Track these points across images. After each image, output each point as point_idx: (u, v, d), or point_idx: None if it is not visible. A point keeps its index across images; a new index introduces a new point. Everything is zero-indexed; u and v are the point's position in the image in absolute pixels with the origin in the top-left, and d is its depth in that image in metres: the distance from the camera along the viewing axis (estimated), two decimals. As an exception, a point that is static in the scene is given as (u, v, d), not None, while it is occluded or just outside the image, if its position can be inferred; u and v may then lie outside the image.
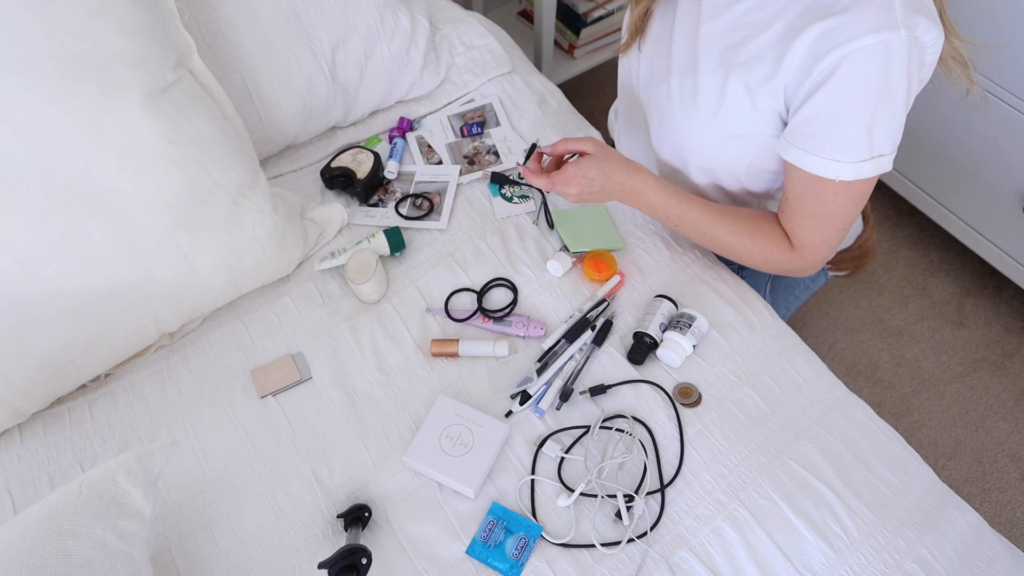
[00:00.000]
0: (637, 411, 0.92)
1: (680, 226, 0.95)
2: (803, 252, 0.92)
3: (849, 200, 0.85)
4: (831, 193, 0.84)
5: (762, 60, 0.83)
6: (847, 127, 0.79)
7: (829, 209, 0.86)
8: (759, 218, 0.94)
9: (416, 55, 1.24)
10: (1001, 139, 1.43)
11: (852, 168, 0.81)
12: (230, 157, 0.95)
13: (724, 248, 0.96)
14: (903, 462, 0.89)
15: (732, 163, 0.95)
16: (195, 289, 0.96)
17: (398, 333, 1.01)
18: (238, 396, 0.95)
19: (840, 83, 0.77)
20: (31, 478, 0.89)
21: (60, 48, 0.81)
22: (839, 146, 0.80)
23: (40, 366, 0.88)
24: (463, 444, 0.87)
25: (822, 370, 0.96)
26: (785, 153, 0.85)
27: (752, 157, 0.92)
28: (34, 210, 0.83)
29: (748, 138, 0.90)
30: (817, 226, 0.88)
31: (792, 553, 0.82)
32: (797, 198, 0.88)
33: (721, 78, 0.87)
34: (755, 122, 0.87)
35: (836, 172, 0.81)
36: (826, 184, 0.83)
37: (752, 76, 0.84)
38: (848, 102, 0.78)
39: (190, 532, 0.85)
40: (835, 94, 0.78)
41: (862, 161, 0.80)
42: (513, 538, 0.83)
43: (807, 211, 0.88)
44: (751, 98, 0.86)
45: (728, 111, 0.88)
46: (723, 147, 0.93)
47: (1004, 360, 1.62)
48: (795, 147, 0.83)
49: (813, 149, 0.81)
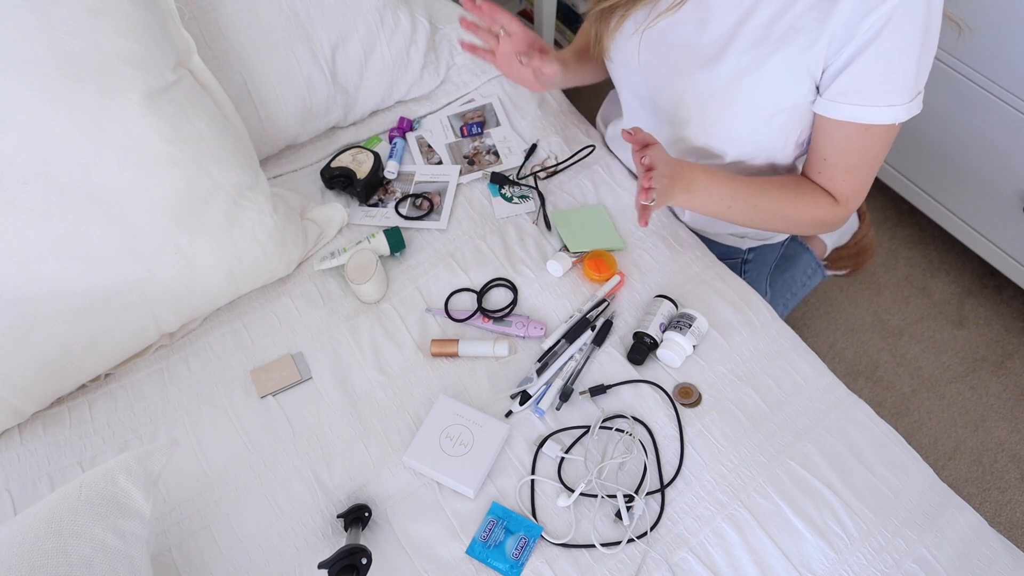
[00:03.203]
0: (637, 411, 0.92)
1: (733, 206, 0.95)
2: (848, 203, 0.95)
3: (889, 142, 0.88)
4: (876, 139, 0.86)
5: (800, 30, 0.83)
6: (899, 72, 0.81)
7: (872, 155, 0.89)
8: (796, 180, 0.97)
9: (416, 55, 1.24)
10: (1001, 139, 1.43)
11: (905, 109, 0.83)
12: (230, 157, 0.95)
13: (775, 216, 0.96)
14: (903, 462, 0.89)
15: (771, 141, 0.95)
16: (195, 289, 0.96)
17: (398, 333, 1.01)
18: (238, 396, 0.95)
19: (892, 35, 0.78)
20: (31, 478, 0.89)
21: (60, 48, 0.81)
22: (893, 92, 0.82)
23: (40, 366, 0.88)
24: (463, 444, 0.87)
25: (822, 370, 0.96)
26: (836, 113, 0.85)
27: (790, 131, 0.93)
28: (34, 210, 0.83)
29: (786, 112, 0.90)
30: (861, 175, 0.91)
31: (792, 553, 0.82)
32: (840, 154, 0.90)
33: (755, 58, 0.87)
34: (794, 94, 0.88)
35: (893, 116, 0.83)
36: (873, 132, 0.85)
37: (790, 49, 0.84)
38: (900, 50, 0.79)
39: (190, 532, 0.85)
40: (887, 45, 0.79)
41: (911, 100, 0.83)
42: (513, 538, 0.83)
43: (851, 164, 0.90)
44: (791, 71, 0.86)
45: (766, 89, 0.88)
46: (763, 126, 0.93)
47: (1004, 360, 1.62)
48: (848, 104, 0.84)
49: (869, 101, 0.83)
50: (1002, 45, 1.33)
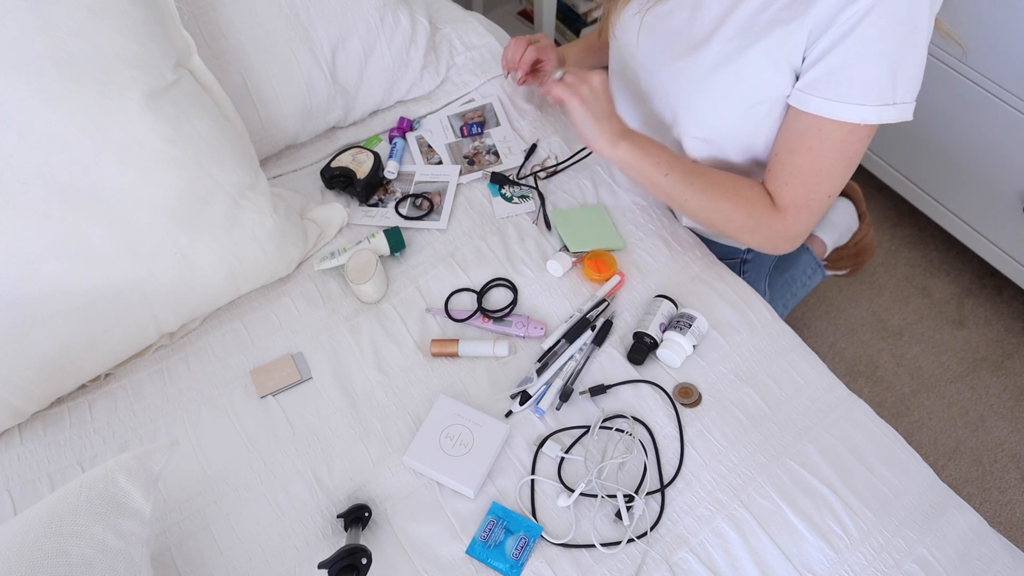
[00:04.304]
0: (637, 411, 0.92)
1: (670, 173, 0.94)
2: (786, 212, 0.91)
3: (844, 156, 0.85)
4: (828, 144, 0.85)
5: (782, 20, 0.83)
6: (873, 70, 0.80)
7: (820, 163, 0.86)
8: (742, 177, 0.95)
9: (416, 55, 1.24)
10: (1001, 139, 1.43)
11: (875, 111, 0.81)
12: (230, 157, 0.95)
13: (709, 200, 0.94)
14: (903, 462, 0.89)
15: (751, 135, 0.94)
16: (195, 289, 0.96)
17: (398, 333, 1.01)
18: (238, 396, 0.95)
19: (869, 28, 0.77)
20: (31, 478, 0.89)
21: (60, 48, 0.81)
22: (864, 90, 0.81)
23: (40, 366, 0.88)
24: (463, 444, 0.87)
25: (822, 370, 0.96)
26: (805, 105, 0.84)
27: (770, 126, 0.92)
28: (34, 210, 0.83)
29: (766, 104, 0.90)
30: (805, 184, 0.88)
31: (792, 553, 0.82)
32: (788, 151, 0.88)
33: (737, 47, 0.87)
34: (774, 86, 0.87)
35: (861, 116, 0.81)
36: (827, 134, 0.84)
37: (772, 38, 0.84)
38: (876, 45, 0.78)
39: (190, 532, 0.85)
40: (863, 39, 0.78)
41: (884, 105, 0.81)
42: (513, 538, 0.83)
43: (797, 165, 0.88)
44: (772, 61, 0.85)
45: (746, 79, 0.88)
46: (742, 118, 0.92)
47: (1004, 360, 1.62)
48: (818, 97, 0.83)
49: (838, 96, 0.82)
50: (1002, 45, 1.33)
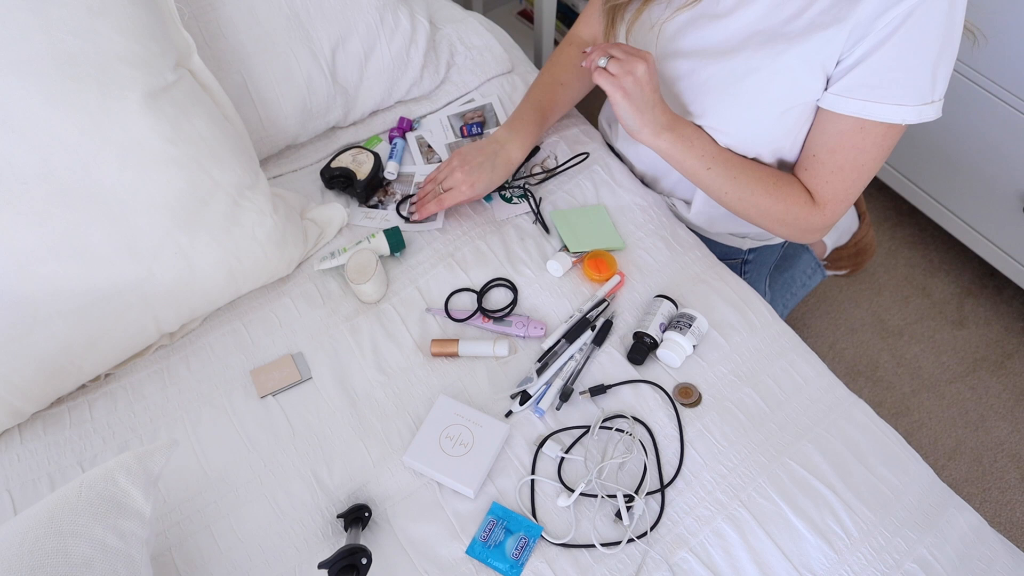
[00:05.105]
0: (637, 411, 0.92)
1: (713, 167, 0.95)
2: (825, 208, 0.93)
3: (884, 151, 0.87)
4: (869, 141, 0.86)
5: (819, 25, 0.83)
6: (914, 71, 0.80)
7: (861, 159, 0.88)
8: (782, 173, 0.96)
9: (416, 55, 1.24)
10: (1001, 139, 1.43)
11: (914, 111, 0.82)
12: (230, 157, 0.95)
13: (751, 195, 0.95)
14: (903, 462, 0.89)
15: (782, 139, 0.95)
16: (195, 289, 0.96)
17: (398, 333, 1.01)
18: (238, 396, 0.95)
19: (912, 30, 0.78)
20: (31, 478, 0.89)
21: (60, 48, 0.81)
22: (904, 91, 0.81)
23: (40, 366, 0.88)
24: (463, 444, 0.87)
25: (822, 370, 0.96)
26: (843, 108, 0.85)
27: (799, 129, 0.93)
28: (34, 210, 0.83)
29: (797, 108, 0.90)
30: (845, 179, 0.90)
31: (792, 553, 0.82)
32: (829, 151, 0.89)
33: (770, 54, 0.87)
34: (809, 90, 0.87)
35: (901, 116, 0.82)
36: (868, 132, 0.85)
37: (808, 44, 0.84)
38: (917, 49, 0.79)
39: (190, 532, 0.85)
40: (906, 41, 0.78)
41: (924, 104, 0.82)
42: (513, 538, 0.83)
43: (839, 164, 0.89)
44: (807, 66, 0.86)
45: (780, 85, 0.88)
46: (775, 123, 0.92)
47: (1004, 360, 1.62)
48: (857, 100, 0.84)
49: (879, 98, 0.82)
50: (1002, 45, 1.33)
